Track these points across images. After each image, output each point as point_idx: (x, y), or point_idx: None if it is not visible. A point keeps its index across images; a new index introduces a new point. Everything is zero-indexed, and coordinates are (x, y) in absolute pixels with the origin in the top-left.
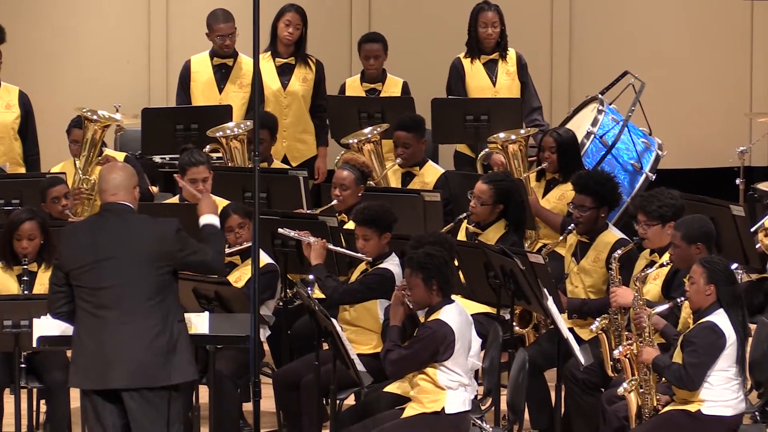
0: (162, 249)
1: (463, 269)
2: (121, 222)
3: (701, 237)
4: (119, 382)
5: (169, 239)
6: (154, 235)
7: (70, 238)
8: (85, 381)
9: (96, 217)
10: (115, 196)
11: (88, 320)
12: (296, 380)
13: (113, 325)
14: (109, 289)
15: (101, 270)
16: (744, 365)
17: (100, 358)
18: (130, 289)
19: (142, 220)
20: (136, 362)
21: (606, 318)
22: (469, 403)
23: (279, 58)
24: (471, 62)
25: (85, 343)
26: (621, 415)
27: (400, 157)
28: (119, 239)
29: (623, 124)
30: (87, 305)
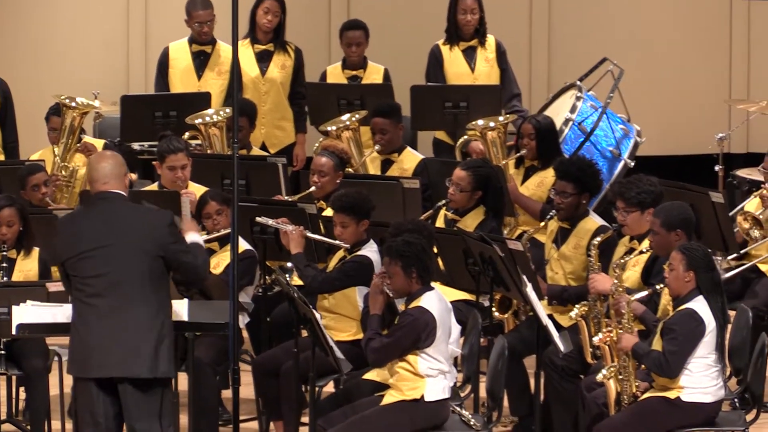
0: (155, 237)
1: (442, 256)
2: (113, 211)
3: (680, 224)
4: (109, 371)
5: (161, 229)
6: (147, 225)
7: (64, 228)
8: (78, 369)
9: (88, 206)
10: (107, 185)
11: (81, 309)
12: (275, 367)
13: (105, 313)
14: (101, 278)
15: (94, 259)
16: (723, 352)
17: (92, 347)
18: (123, 277)
19: (135, 208)
20: (126, 351)
21: (585, 305)
22: (448, 391)
23: (258, 45)
24: (450, 49)
25: (79, 331)
26: (600, 401)
27: (378, 144)
28: (112, 228)
29: (602, 110)
30: (80, 294)
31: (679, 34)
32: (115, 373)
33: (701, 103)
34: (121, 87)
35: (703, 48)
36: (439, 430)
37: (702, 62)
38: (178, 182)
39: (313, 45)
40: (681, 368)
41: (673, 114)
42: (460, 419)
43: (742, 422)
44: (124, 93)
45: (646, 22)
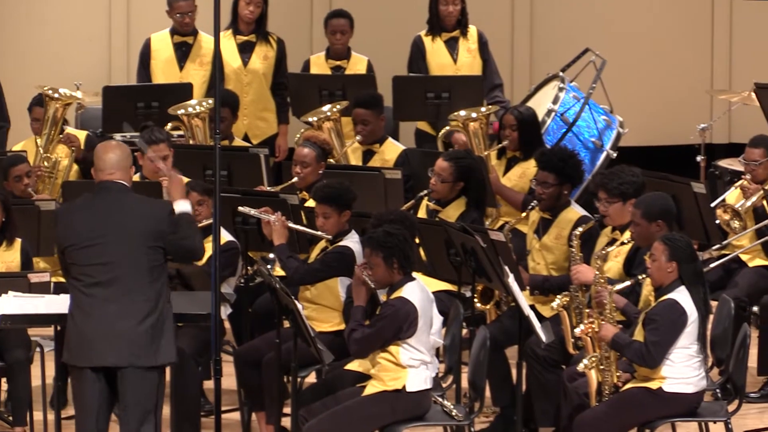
0: (156, 229)
1: (423, 247)
2: (116, 201)
3: (661, 214)
4: (109, 360)
5: (163, 220)
6: (149, 215)
7: (65, 216)
8: (77, 358)
9: (91, 195)
10: (112, 175)
11: (80, 298)
12: (257, 358)
13: (105, 302)
14: (102, 267)
15: (95, 248)
16: (705, 342)
17: (91, 336)
18: (123, 267)
19: (137, 199)
20: (125, 340)
21: (567, 295)
22: (430, 381)
23: (240, 36)
24: (432, 40)
25: (77, 320)
26: (582, 392)
27: (359, 135)
28: (114, 218)
29: (584, 101)
30: (79, 283)
31: (661, 24)
32: (115, 361)
33: (683, 94)
34: (103, 78)
35: (685, 39)
36: (421, 421)
37: (684, 53)
38: (159, 173)
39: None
40: (662, 358)
41: (656, 105)
42: (442, 410)
43: (724, 413)
44: (107, 84)
45: (628, 13)
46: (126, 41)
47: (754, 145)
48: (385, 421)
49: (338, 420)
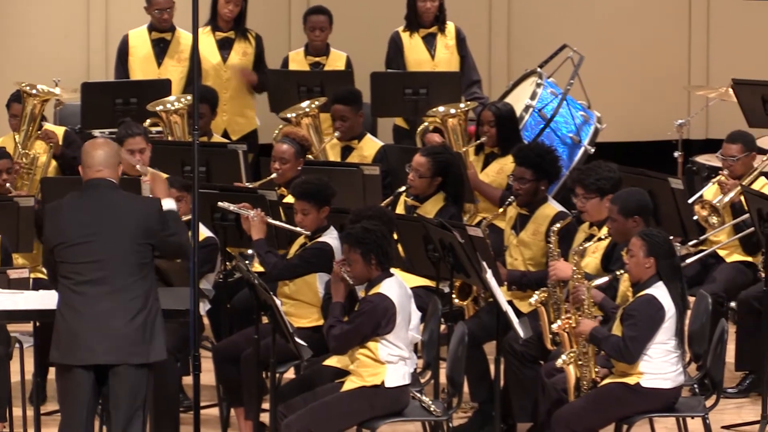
0: (146, 226)
1: (402, 242)
2: (105, 198)
3: (638, 210)
4: (101, 358)
5: (152, 217)
6: (139, 213)
7: (54, 214)
8: (68, 356)
9: (80, 192)
10: (100, 172)
11: (69, 296)
12: (236, 354)
13: (96, 300)
14: (92, 265)
15: (85, 245)
16: (683, 338)
17: (82, 334)
18: (114, 264)
19: (126, 196)
20: (117, 338)
21: (545, 291)
22: (408, 377)
23: (219, 32)
24: (410, 36)
25: (67, 318)
26: (560, 387)
27: (338, 131)
28: (104, 215)
29: (562, 97)
30: (69, 281)
31: (639, 20)
32: (108, 359)
33: (661, 90)
34: (81, 74)
35: (662, 35)
36: (400, 416)
37: (661, 49)
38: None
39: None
40: (640, 354)
41: (633, 100)
42: (421, 405)
43: (702, 408)
44: (85, 80)
45: (605, 9)
46: (104, 38)
47: (732, 141)
48: (363, 416)
49: (317, 415)
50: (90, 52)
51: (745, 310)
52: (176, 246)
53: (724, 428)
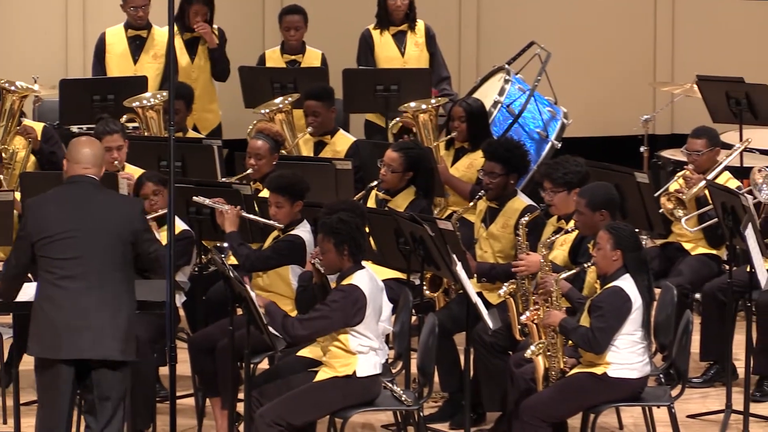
0: (128, 225)
1: (374, 236)
2: (89, 195)
3: (605, 204)
4: (85, 353)
5: (135, 216)
6: (122, 211)
7: (36, 209)
8: (50, 351)
9: (63, 188)
10: (87, 169)
11: (51, 291)
12: (211, 345)
13: (78, 296)
14: (75, 260)
15: (69, 241)
16: (649, 329)
17: (63, 328)
18: (96, 261)
19: (110, 194)
20: (101, 333)
21: (513, 283)
22: (379, 367)
23: (186, 33)
24: (380, 34)
25: (48, 313)
26: (528, 377)
27: (310, 126)
28: (88, 212)
29: (529, 93)
30: (51, 276)
31: (605, 17)
32: (88, 354)
33: (627, 86)
34: (60, 71)
35: (628, 32)
36: (371, 406)
37: (627, 46)
38: (114, 163)
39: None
40: (608, 344)
41: (600, 96)
42: (392, 395)
43: (668, 397)
44: (63, 77)
45: (572, 7)
46: (82, 36)
47: (696, 136)
48: (336, 406)
49: (290, 405)
50: (68, 50)
51: (709, 302)
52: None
53: (690, 417)
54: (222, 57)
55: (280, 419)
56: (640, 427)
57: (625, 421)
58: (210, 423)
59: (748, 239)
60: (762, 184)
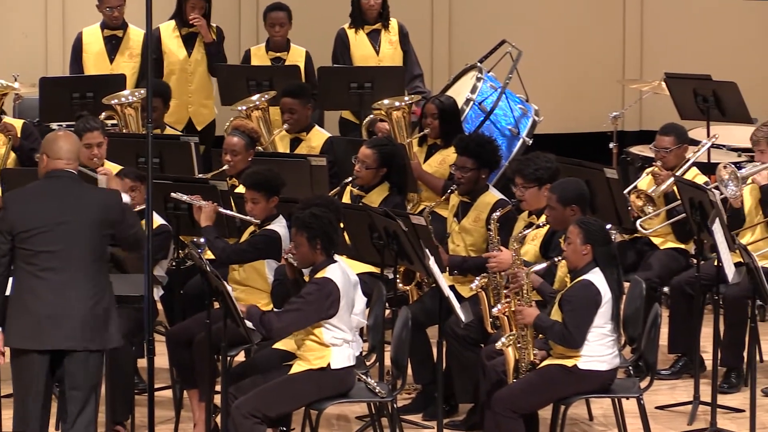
0: (108, 217)
1: (348, 231)
2: (69, 189)
3: (575, 199)
4: (63, 343)
5: (114, 208)
6: (102, 203)
7: (17, 201)
8: (29, 341)
9: (44, 182)
10: (69, 164)
11: (32, 282)
12: (189, 338)
13: (61, 287)
14: (57, 253)
15: (50, 234)
16: (619, 322)
17: (45, 320)
18: (77, 253)
19: (89, 188)
20: (80, 324)
21: (485, 277)
22: (353, 359)
23: (184, 28)
24: (355, 32)
25: (28, 304)
26: (499, 369)
27: (286, 123)
28: (68, 205)
29: (501, 91)
30: (32, 267)
31: (575, 16)
32: (69, 345)
33: (596, 83)
34: (40, 70)
35: (597, 30)
36: (346, 398)
37: (597, 44)
38: (94, 159)
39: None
40: (584, 339)
41: (570, 94)
42: (366, 387)
43: (637, 389)
44: (43, 75)
45: (543, 6)
46: (62, 35)
47: (665, 133)
48: (311, 398)
49: (266, 397)
50: (48, 49)
51: (677, 295)
52: (136, 240)
53: (658, 408)
54: (219, 53)
55: (256, 411)
56: (610, 418)
57: (594, 413)
58: (188, 415)
59: (716, 234)
60: (728, 180)
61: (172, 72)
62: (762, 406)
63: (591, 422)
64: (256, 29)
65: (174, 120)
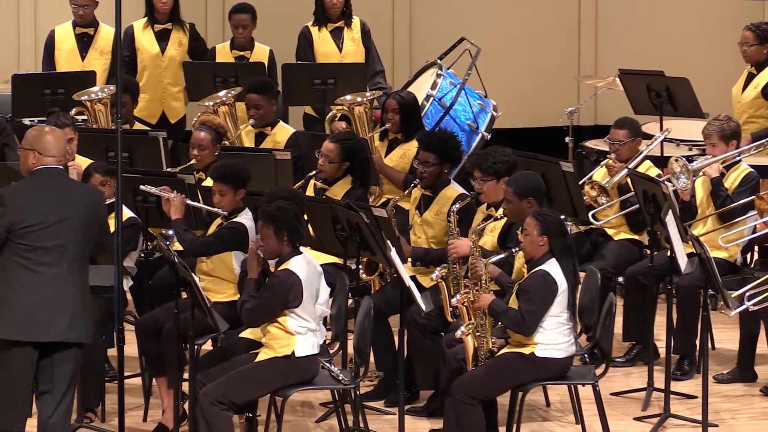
0: (96, 214)
1: (312, 223)
2: (63, 185)
3: (532, 192)
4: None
5: (101, 206)
6: (91, 200)
7: (17, 197)
8: (21, 333)
9: (40, 178)
10: (59, 161)
11: (25, 275)
12: (157, 327)
13: (53, 281)
14: (54, 248)
15: (50, 230)
16: (574, 311)
17: (39, 313)
18: (72, 248)
19: (78, 184)
20: (72, 317)
21: (445, 267)
22: (317, 347)
23: (157, 25)
24: (319, 30)
25: (20, 297)
26: (459, 357)
27: (252, 118)
28: (66, 201)
29: (460, 87)
30: (26, 261)
31: (532, 15)
32: (63, 337)
33: (552, 80)
34: (12, 67)
35: (553, 28)
36: (310, 385)
37: (553, 42)
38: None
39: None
40: (537, 326)
41: (527, 89)
42: (330, 374)
43: (592, 376)
44: (15, 72)
45: (501, 5)
46: (34, 32)
47: (619, 127)
48: (276, 385)
49: (233, 384)
50: (20, 46)
51: (631, 285)
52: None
53: (613, 395)
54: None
55: (222, 398)
56: (566, 405)
57: (551, 399)
58: (156, 402)
59: (669, 225)
60: (680, 173)
61: (146, 67)
62: (714, 393)
63: (548, 408)
64: (223, 27)
65: (147, 114)
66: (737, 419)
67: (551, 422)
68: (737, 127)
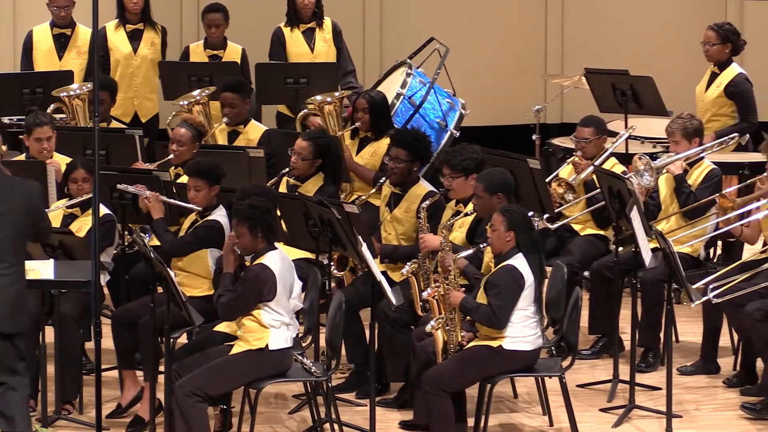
0: (34, 206)
1: (285, 219)
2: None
3: (501, 188)
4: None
5: (38, 198)
6: (28, 194)
7: None
8: None
9: None
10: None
11: None
12: (134, 321)
13: None
14: None
15: None
16: (541, 304)
17: None
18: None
19: (12, 178)
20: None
21: (416, 262)
22: (290, 341)
23: (129, 25)
24: (291, 31)
25: None
26: (429, 350)
27: (226, 117)
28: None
29: (430, 85)
30: None
31: (500, 15)
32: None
33: (520, 78)
34: None
35: (521, 28)
36: (283, 377)
37: (520, 41)
38: (44, 153)
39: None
40: (508, 320)
41: (495, 88)
42: (302, 367)
43: (559, 368)
44: None
45: (469, 5)
46: (12, 33)
47: (584, 125)
48: (250, 377)
49: (208, 377)
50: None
51: (597, 279)
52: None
53: (579, 387)
54: None
55: (198, 390)
56: (534, 396)
57: (519, 391)
58: None
59: (633, 221)
60: (643, 170)
61: (118, 67)
62: (678, 385)
63: (516, 400)
64: (197, 26)
65: (120, 113)
66: (701, 410)
67: (519, 413)
68: (700, 125)
